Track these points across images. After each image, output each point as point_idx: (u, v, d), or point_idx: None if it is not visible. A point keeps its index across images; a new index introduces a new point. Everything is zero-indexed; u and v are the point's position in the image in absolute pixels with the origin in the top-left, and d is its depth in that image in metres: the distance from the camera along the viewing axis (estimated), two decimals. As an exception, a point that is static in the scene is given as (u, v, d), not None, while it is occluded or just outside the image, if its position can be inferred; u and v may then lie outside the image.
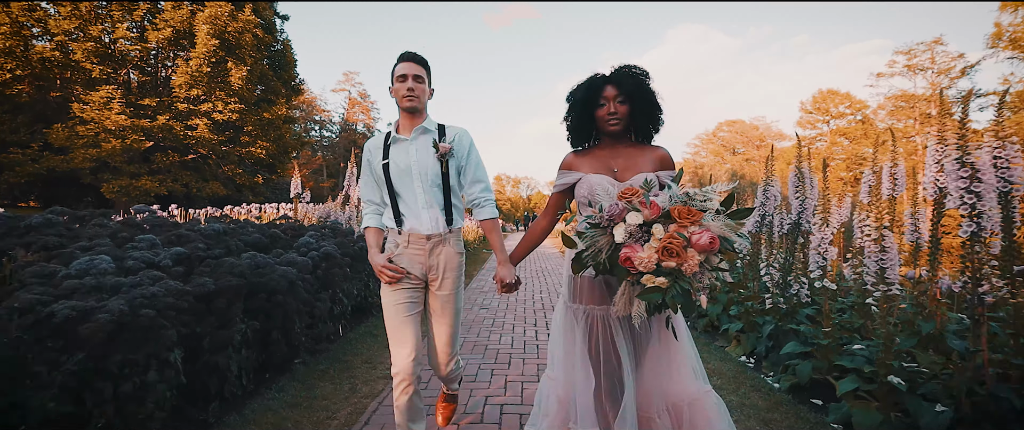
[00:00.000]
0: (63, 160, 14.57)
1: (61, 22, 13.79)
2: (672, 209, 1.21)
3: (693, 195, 1.25)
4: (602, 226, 1.28)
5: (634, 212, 1.22)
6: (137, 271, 1.97)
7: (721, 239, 1.17)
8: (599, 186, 1.51)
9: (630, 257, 1.17)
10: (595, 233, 1.28)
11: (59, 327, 1.61)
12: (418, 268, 1.80)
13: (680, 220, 1.18)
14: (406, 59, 1.76)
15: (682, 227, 1.17)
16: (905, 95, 32.82)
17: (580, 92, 1.59)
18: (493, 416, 2.39)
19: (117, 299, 1.72)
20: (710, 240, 1.13)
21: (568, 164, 1.66)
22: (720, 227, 1.19)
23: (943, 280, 2.93)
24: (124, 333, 1.75)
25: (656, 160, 1.60)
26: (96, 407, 1.70)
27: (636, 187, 1.31)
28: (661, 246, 1.14)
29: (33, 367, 1.49)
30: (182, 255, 2.32)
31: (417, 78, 1.76)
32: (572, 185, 1.63)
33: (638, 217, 1.21)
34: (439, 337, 1.87)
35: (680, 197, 1.25)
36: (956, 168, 1.85)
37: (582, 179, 1.60)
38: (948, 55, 30.92)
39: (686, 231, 1.16)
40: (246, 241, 3.03)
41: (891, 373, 2.22)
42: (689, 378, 1.54)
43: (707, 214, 1.21)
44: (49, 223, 2.50)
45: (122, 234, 2.56)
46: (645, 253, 1.15)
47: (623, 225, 1.22)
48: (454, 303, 1.85)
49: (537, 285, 7.12)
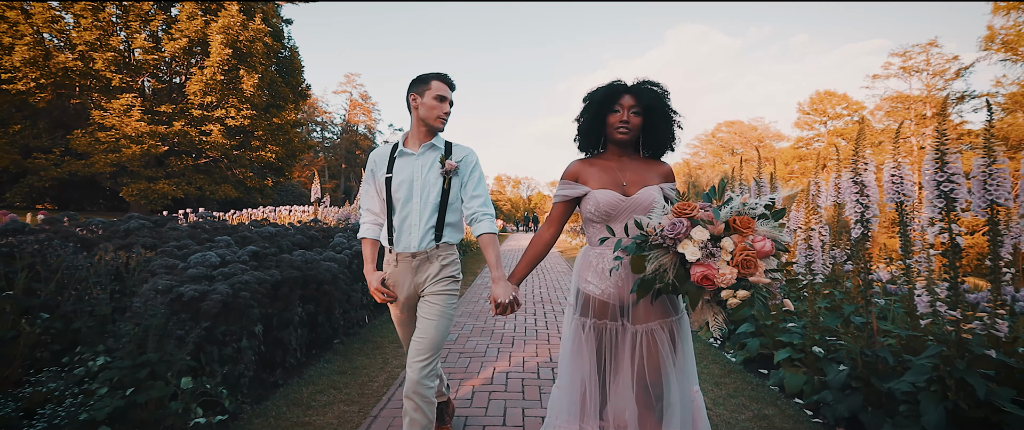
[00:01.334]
0: (84, 164, 15.24)
1: (82, 33, 14.43)
2: (731, 219, 1.19)
3: (747, 204, 1.24)
4: (664, 245, 1.22)
5: (700, 227, 1.19)
6: (228, 263, 2.58)
7: (775, 242, 1.19)
8: (608, 202, 1.52)
9: (709, 276, 1.14)
10: (657, 253, 1.23)
11: (186, 304, 2.22)
12: (409, 287, 1.80)
13: (743, 230, 1.17)
14: (448, 83, 1.80)
15: (745, 236, 1.16)
16: (901, 96, 33.19)
17: (598, 95, 1.58)
18: (501, 380, 3.00)
19: (223, 284, 2.33)
20: (771, 246, 1.15)
21: (573, 174, 1.63)
22: (769, 230, 1.19)
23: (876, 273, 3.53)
24: (227, 310, 2.36)
25: (662, 175, 1.60)
26: (207, 364, 2.31)
27: (691, 202, 1.28)
28: (739, 259, 1.13)
29: (175, 332, 2.10)
30: (254, 252, 2.92)
31: (452, 103, 1.82)
32: (576, 198, 1.62)
33: (705, 232, 1.17)
34: (417, 340, 1.74)
35: (738, 207, 1.23)
36: (850, 185, 2.44)
37: (589, 195, 1.57)
38: (943, 57, 31.23)
39: (748, 240, 1.16)
40: (293, 241, 3.63)
41: (814, 344, 2.82)
42: (691, 384, 1.59)
43: (757, 221, 1.21)
44: (141, 227, 3.10)
45: (203, 235, 3.17)
46: (725, 269, 1.13)
47: (690, 242, 1.17)
48: (440, 307, 1.77)
49: (537, 281, 7.72)
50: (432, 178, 1.77)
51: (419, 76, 1.81)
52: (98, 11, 14.83)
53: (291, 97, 21.77)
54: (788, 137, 41.78)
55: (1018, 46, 25.25)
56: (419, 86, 1.79)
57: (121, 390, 1.90)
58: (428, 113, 1.77)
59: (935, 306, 2.01)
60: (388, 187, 1.79)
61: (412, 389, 1.67)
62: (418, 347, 1.72)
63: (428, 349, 1.72)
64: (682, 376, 1.52)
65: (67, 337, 2.30)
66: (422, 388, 1.67)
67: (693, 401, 1.56)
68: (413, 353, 1.72)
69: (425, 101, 1.77)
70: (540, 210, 60.55)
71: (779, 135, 43.81)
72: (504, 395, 2.76)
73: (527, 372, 3.17)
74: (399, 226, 1.78)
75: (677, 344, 1.51)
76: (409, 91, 1.82)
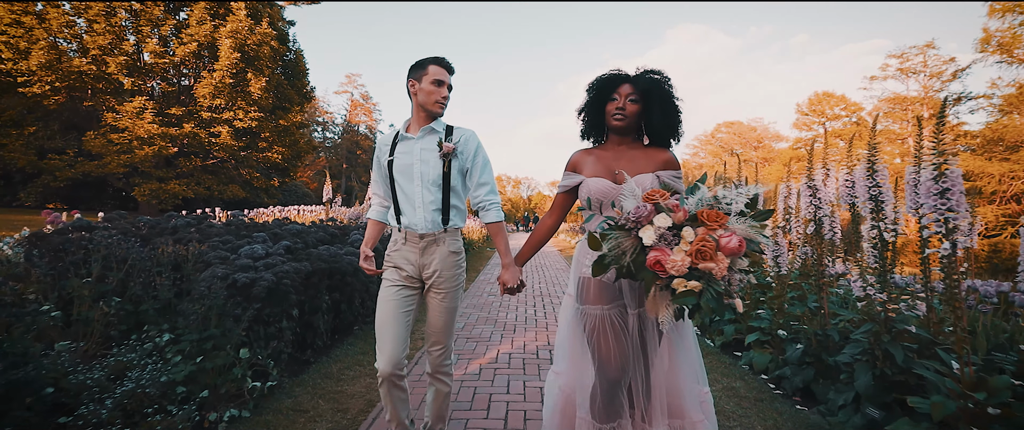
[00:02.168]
0: (98, 165, 15.68)
1: (96, 38, 14.86)
2: (699, 212, 1.18)
3: (720, 198, 1.23)
4: (627, 228, 1.23)
5: (663, 214, 1.18)
6: (269, 255, 2.98)
7: (747, 241, 1.16)
8: (598, 189, 1.54)
9: (660, 261, 1.14)
10: (619, 235, 1.24)
11: (240, 289, 2.62)
12: (411, 267, 1.82)
13: (709, 223, 1.15)
14: (445, 67, 1.80)
15: (711, 230, 1.14)
16: (898, 98, 33.46)
17: (597, 83, 1.61)
18: (504, 360, 3.40)
19: (268, 273, 2.73)
20: (739, 243, 1.12)
21: (573, 164, 1.68)
22: (745, 229, 1.17)
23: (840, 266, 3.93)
24: (272, 295, 2.76)
25: (660, 162, 1.59)
26: (255, 340, 2.71)
27: (662, 189, 1.28)
28: (695, 248, 1.11)
29: (232, 311, 2.50)
30: (287, 247, 3.32)
31: (450, 87, 1.83)
32: (575, 187, 1.66)
33: (667, 219, 1.17)
34: (431, 333, 1.87)
35: (709, 200, 1.22)
36: (807, 191, 2.84)
37: (583, 183, 1.61)
38: (940, 58, 31.44)
39: (715, 234, 1.13)
40: (317, 237, 4.03)
41: (780, 328, 3.21)
42: (691, 380, 1.60)
43: (732, 216, 1.19)
44: (186, 225, 3.51)
45: (242, 231, 3.57)
46: (677, 256, 1.12)
47: (651, 227, 1.17)
48: (449, 300, 1.84)
49: (537, 277, 8.12)
50: (432, 161, 1.79)
51: (417, 61, 1.81)
52: (111, 15, 15.26)
53: (296, 99, 22.20)
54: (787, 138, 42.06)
55: (1013, 48, 25.51)
56: (417, 71, 1.80)
57: (191, 359, 2.31)
58: (426, 98, 1.78)
59: (866, 290, 2.40)
60: (390, 170, 1.84)
61: (435, 370, 1.93)
62: (434, 339, 1.88)
63: (443, 338, 1.88)
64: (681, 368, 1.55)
65: (133, 318, 2.70)
66: (442, 367, 1.93)
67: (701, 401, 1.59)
68: (430, 344, 1.90)
69: (423, 86, 1.78)
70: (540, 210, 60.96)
71: (778, 136, 44.09)
72: (507, 371, 3.16)
73: (527, 353, 3.57)
74: (403, 208, 1.82)
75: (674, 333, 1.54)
76: (408, 77, 1.83)
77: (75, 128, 17.79)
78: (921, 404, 1.97)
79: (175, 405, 2.15)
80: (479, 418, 2.46)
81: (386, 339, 1.76)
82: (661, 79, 1.57)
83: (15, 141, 15.16)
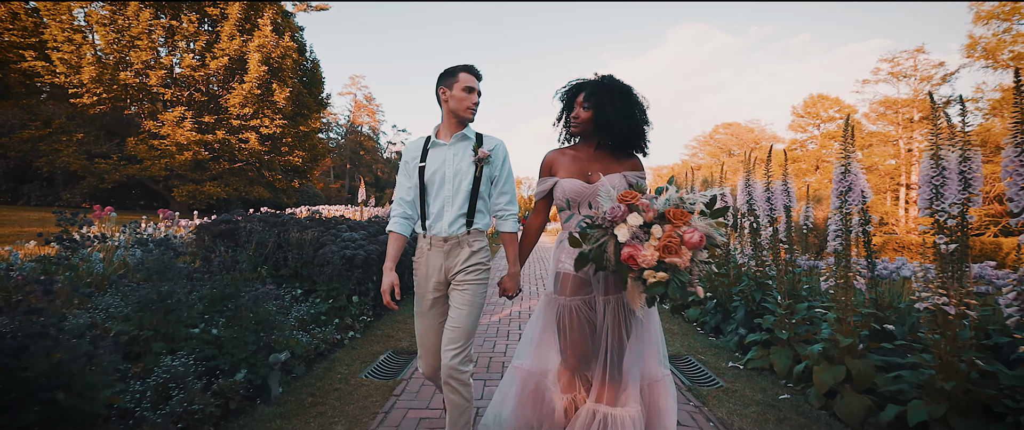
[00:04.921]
0: (140, 169, 17.25)
1: (140, 54, 16.43)
2: (666, 211, 1.31)
3: (685, 199, 1.36)
4: (603, 226, 1.35)
5: (635, 213, 1.30)
6: (354, 241, 4.41)
7: (706, 236, 1.30)
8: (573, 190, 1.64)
9: (633, 256, 1.26)
10: (597, 233, 1.36)
11: (348, 260, 4.06)
12: (439, 273, 1.83)
13: (674, 221, 1.29)
14: (475, 74, 1.83)
15: (676, 227, 1.28)
16: (888, 101, 34.45)
17: (562, 93, 1.76)
18: (502, 346, 4.84)
19: (361, 251, 4.16)
20: (700, 238, 1.26)
21: (548, 164, 1.80)
22: (705, 226, 1.31)
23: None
24: (366, 265, 4.20)
25: (628, 166, 1.70)
26: (355, 295, 4.15)
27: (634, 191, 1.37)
28: (662, 244, 1.25)
29: (344, 273, 3.93)
30: (365, 234, 4.76)
31: (479, 93, 1.85)
32: (551, 189, 1.76)
33: (639, 218, 1.29)
34: (448, 329, 1.80)
35: (675, 200, 1.34)
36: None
37: (557, 184, 1.72)
38: (929, 63, 32.32)
39: (680, 230, 1.27)
40: (368, 231, 5.48)
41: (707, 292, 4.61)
42: (655, 362, 1.73)
43: (694, 215, 1.32)
44: (290, 219, 4.95)
45: (330, 224, 5.03)
46: (648, 251, 1.25)
47: (625, 226, 1.29)
48: (470, 295, 1.80)
49: (538, 266, 9.54)
50: (464, 167, 1.82)
51: (447, 69, 1.85)
52: (151, 33, 16.84)
53: (314, 106, 23.69)
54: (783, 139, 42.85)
55: (998, 53, 26.56)
56: (447, 79, 1.83)
57: (325, 301, 3.74)
58: (458, 105, 1.80)
59: (747, 260, 3.79)
60: (421, 176, 1.85)
61: (448, 375, 1.75)
62: (451, 336, 1.77)
63: (461, 337, 1.77)
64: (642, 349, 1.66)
65: (274, 280, 4.13)
66: (457, 373, 1.75)
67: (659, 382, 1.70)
68: (446, 342, 1.77)
69: (454, 93, 1.80)
70: (544, 210, 61.74)
71: (775, 137, 44.85)
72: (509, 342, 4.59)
73: (523, 318, 4.99)
74: (432, 212, 1.83)
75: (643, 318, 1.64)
76: (438, 84, 1.86)
77: (115, 134, 19.37)
78: (766, 322, 3.37)
79: (319, 327, 3.58)
80: (480, 372, 3.89)
81: (426, 349, 1.91)
82: (609, 84, 1.64)
83: (66, 147, 16.74)
